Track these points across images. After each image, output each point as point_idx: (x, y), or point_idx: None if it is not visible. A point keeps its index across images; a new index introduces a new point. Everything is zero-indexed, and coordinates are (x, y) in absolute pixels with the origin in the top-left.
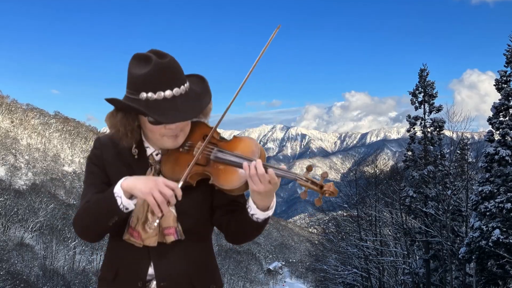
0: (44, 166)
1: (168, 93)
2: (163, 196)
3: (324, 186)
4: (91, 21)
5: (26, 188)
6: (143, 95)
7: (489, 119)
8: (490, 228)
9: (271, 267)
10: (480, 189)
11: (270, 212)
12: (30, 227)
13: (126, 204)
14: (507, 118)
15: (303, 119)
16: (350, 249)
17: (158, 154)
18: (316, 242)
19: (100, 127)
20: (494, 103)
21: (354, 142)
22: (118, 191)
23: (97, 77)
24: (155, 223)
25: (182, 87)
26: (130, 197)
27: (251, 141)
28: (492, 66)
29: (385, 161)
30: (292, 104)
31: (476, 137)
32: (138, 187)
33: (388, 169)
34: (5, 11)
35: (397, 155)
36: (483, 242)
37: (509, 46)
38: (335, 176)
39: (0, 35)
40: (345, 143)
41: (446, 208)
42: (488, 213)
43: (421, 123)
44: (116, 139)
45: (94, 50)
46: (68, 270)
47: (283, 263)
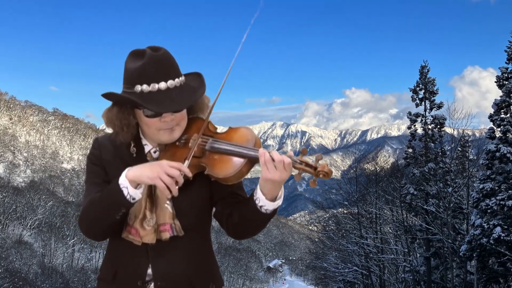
0: (43, 163)
1: (163, 85)
2: (171, 177)
3: (318, 167)
4: (90, 18)
5: (25, 185)
6: (138, 88)
7: (490, 116)
8: (491, 226)
9: (271, 265)
10: (481, 187)
11: (280, 202)
12: (29, 225)
13: (133, 194)
14: (508, 115)
15: (303, 116)
16: (351, 247)
17: (156, 152)
18: (316, 240)
19: (99, 124)
20: (495, 100)
21: (355, 139)
22: (124, 182)
23: (96, 74)
24: (168, 206)
25: (177, 80)
26: (136, 187)
27: (246, 130)
28: (493, 63)
29: (386, 158)
30: (292, 101)
31: (477, 134)
32: (145, 174)
33: (389, 167)
34: (3, 8)
35: (398, 152)
36: (484, 240)
37: (510, 43)
38: (336, 174)
39: None
40: (346, 140)
41: (447, 206)
42: (489, 211)
43: (422, 120)
44: (114, 139)
45: (93, 47)
46: (67, 268)
47: (283, 261)
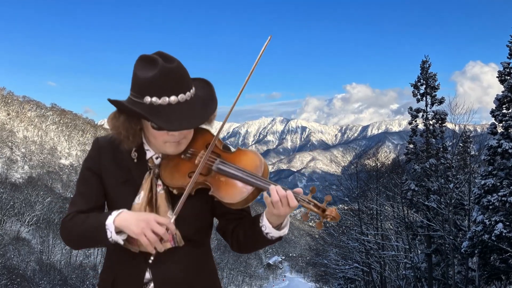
0: (41, 159)
1: (173, 99)
2: (156, 235)
3: (327, 211)
4: (88, 12)
5: (23, 181)
6: (147, 99)
7: (492, 112)
8: (493, 222)
9: (271, 262)
10: (483, 183)
11: (285, 230)
12: (27, 221)
13: (115, 239)
14: (510, 110)
15: (303, 112)
16: (351, 243)
17: (158, 158)
18: (317, 236)
19: (98, 120)
20: (497, 95)
21: (355, 135)
22: (110, 226)
23: (95, 69)
24: (170, 217)
25: (188, 93)
26: (119, 232)
27: (255, 156)
28: (495, 58)
29: (387, 154)
30: (292, 96)
31: (479, 130)
32: (130, 228)
33: (390, 162)
34: (1, 2)
35: (399, 148)
36: (486, 236)
37: None
38: (336, 169)
39: None
40: (346, 136)
41: (448, 202)
42: (491, 207)
43: (423, 116)
44: (116, 142)
45: (92, 42)
46: (65, 265)
47: (283, 258)
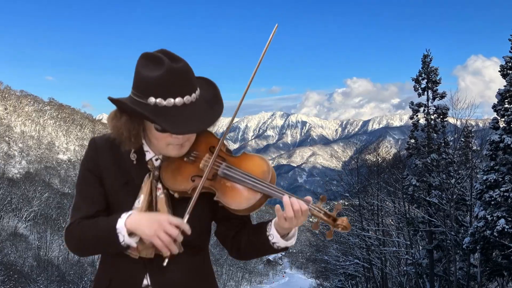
0: (39, 154)
1: (179, 101)
2: (170, 236)
3: (338, 220)
4: (87, 6)
5: (20, 177)
6: (152, 100)
7: (494, 106)
8: (495, 218)
9: (271, 258)
10: (485, 178)
11: (293, 241)
12: (24, 217)
13: (128, 242)
14: None
15: (304, 106)
16: (352, 239)
17: (158, 160)
18: (317, 232)
19: (96, 114)
20: (499, 90)
21: (356, 130)
22: (122, 229)
23: (93, 64)
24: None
25: (194, 95)
26: (131, 234)
27: (262, 161)
28: (497, 52)
29: (388, 149)
30: (292, 91)
31: (481, 125)
32: (142, 229)
33: (391, 157)
34: None
35: (400, 143)
36: (488, 232)
37: None
38: (336, 165)
39: None
40: (347, 131)
41: (450, 197)
42: (493, 202)
43: (425, 110)
44: (114, 142)
45: (90, 36)
46: (63, 261)
47: (283, 254)
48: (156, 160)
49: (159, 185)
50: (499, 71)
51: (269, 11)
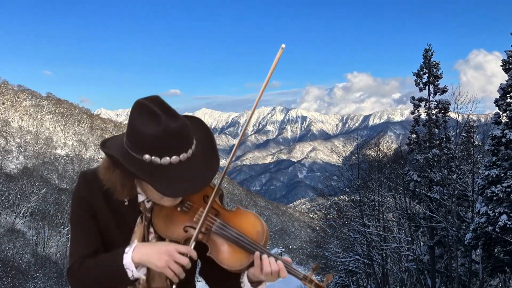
0: (36, 150)
1: (175, 159)
2: (180, 265)
3: None
4: (84, 0)
5: (18, 172)
6: (147, 157)
7: (496, 101)
8: (497, 214)
9: None
10: (487, 173)
11: (264, 287)
12: (22, 212)
13: (137, 276)
14: None
15: (304, 101)
16: (352, 235)
17: (150, 201)
18: (317, 228)
19: (94, 109)
20: (501, 84)
21: (357, 125)
22: (129, 264)
23: (91, 58)
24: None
25: (190, 151)
26: (138, 266)
27: (257, 221)
28: (499, 46)
29: (389, 144)
30: (292, 85)
31: (483, 119)
32: (153, 262)
33: (392, 153)
34: None
35: (401, 138)
36: (490, 228)
37: None
38: (337, 160)
39: None
40: (347, 126)
41: (452, 193)
42: (495, 198)
43: (426, 105)
44: (105, 183)
45: (88, 30)
46: (61, 257)
47: (283, 250)
48: (148, 202)
49: (151, 229)
50: (501, 66)
51: (270, 6)
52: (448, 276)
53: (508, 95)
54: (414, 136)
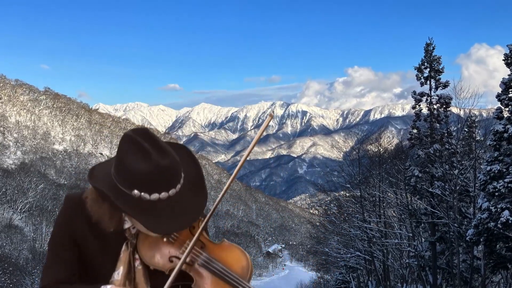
0: (34, 145)
1: (164, 195)
2: None
3: None
4: None
5: (15, 168)
6: (136, 193)
7: (498, 96)
8: (499, 209)
9: (271, 250)
10: (489, 169)
11: None
12: (19, 208)
13: None
14: None
15: (304, 96)
16: (353, 231)
17: (135, 228)
18: (318, 224)
19: (92, 104)
20: (503, 79)
21: (357, 119)
22: None
23: (89, 52)
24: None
25: (178, 186)
26: None
27: (242, 256)
28: (501, 40)
29: (390, 139)
30: (292, 80)
31: (485, 114)
32: None
33: (393, 148)
34: None
35: (402, 133)
36: (492, 224)
37: None
38: (337, 155)
39: None
40: (348, 121)
41: (453, 188)
42: (497, 194)
43: (427, 100)
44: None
45: (86, 24)
46: None
47: (283, 246)
48: (134, 228)
49: (137, 256)
50: (503, 60)
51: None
52: (450, 273)
53: (510, 90)
54: (416, 131)
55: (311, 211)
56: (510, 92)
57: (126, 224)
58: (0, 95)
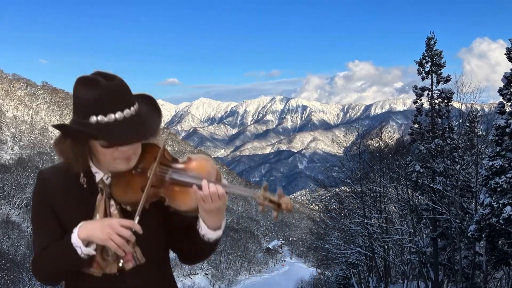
0: (31, 140)
1: (119, 115)
2: (123, 238)
3: (282, 204)
4: None
5: (12, 163)
6: (93, 119)
7: (500, 90)
8: (501, 205)
9: (270, 246)
10: (491, 164)
11: (220, 232)
12: (17, 204)
13: (87, 252)
14: None
15: (304, 90)
16: (354, 227)
17: (109, 178)
18: (318, 220)
19: None
20: (505, 73)
21: (358, 114)
22: (76, 241)
23: (87, 46)
24: (120, 264)
25: (132, 108)
26: (87, 244)
27: (206, 161)
28: (503, 34)
29: (391, 134)
30: (293, 74)
31: (486, 109)
32: (96, 235)
33: (394, 143)
34: None
35: (403, 128)
36: (494, 220)
37: None
38: (338, 150)
39: None
40: (348, 115)
41: (455, 184)
42: (499, 189)
43: (428, 94)
44: (62, 171)
45: (84, 18)
46: None
47: (283, 242)
48: (107, 179)
49: (112, 202)
50: (505, 54)
51: None
52: (451, 269)
53: None
54: (417, 126)
55: (311, 207)
56: None
57: (98, 176)
58: None
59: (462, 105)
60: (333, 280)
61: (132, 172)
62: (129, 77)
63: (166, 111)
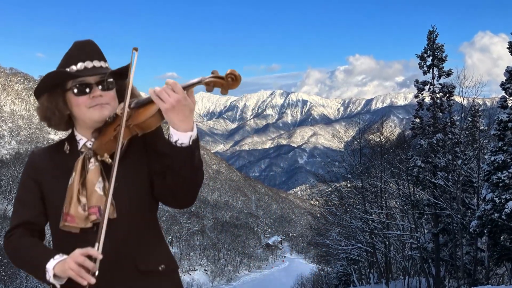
0: (29, 134)
1: (90, 64)
2: (79, 265)
3: (227, 75)
4: None
5: (10, 158)
6: (67, 71)
7: (502, 84)
8: (503, 200)
9: (270, 242)
10: (493, 159)
11: (192, 133)
12: (14, 199)
13: (53, 282)
14: None
15: (304, 84)
16: (354, 223)
17: (91, 143)
18: (318, 215)
19: None
20: (508, 67)
21: (359, 109)
22: (49, 270)
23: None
24: (98, 189)
25: (103, 62)
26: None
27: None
28: (505, 28)
29: (392, 129)
30: (293, 69)
31: (488, 103)
32: (64, 273)
33: (395, 137)
34: None
35: (404, 123)
36: (496, 215)
37: None
38: (338, 145)
39: None
40: (349, 110)
41: (456, 179)
42: (501, 184)
43: (430, 89)
44: (51, 148)
45: (82, 12)
46: None
47: (283, 238)
48: (90, 145)
49: (92, 159)
50: (507, 48)
51: None
52: (453, 265)
53: None
54: (418, 121)
55: (312, 202)
56: None
57: (81, 142)
58: None
59: (464, 100)
60: (334, 276)
61: (107, 120)
62: None
63: None
